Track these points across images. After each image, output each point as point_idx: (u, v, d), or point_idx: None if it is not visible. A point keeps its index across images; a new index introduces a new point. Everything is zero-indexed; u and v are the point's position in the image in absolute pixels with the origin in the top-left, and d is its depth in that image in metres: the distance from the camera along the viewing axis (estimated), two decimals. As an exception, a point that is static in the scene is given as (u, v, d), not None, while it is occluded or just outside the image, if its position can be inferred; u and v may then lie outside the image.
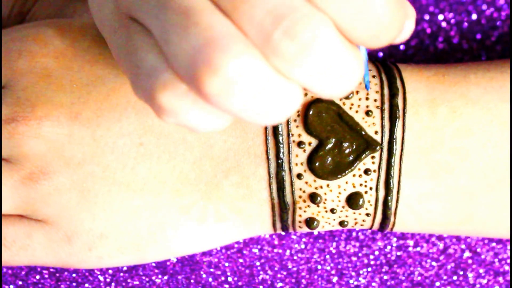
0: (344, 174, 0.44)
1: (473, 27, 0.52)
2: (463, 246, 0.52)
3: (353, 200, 0.44)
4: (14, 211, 0.45)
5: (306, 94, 0.44)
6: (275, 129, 0.44)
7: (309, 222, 0.45)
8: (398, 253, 0.52)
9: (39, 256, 0.46)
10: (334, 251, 0.52)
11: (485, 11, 0.52)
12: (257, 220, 0.46)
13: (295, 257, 0.52)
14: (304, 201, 0.44)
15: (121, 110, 0.44)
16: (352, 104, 0.44)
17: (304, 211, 0.45)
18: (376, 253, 0.52)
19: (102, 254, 0.45)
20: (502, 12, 0.51)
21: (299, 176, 0.44)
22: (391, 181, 0.44)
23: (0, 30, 0.47)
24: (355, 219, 0.45)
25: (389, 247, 0.52)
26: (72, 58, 0.45)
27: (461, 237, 0.52)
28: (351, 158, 0.44)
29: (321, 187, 0.44)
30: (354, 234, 0.52)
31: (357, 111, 0.44)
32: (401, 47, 0.52)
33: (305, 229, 0.46)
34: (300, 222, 0.45)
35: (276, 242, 0.52)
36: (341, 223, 0.45)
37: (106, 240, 0.45)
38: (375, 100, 0.44)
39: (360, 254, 0.52)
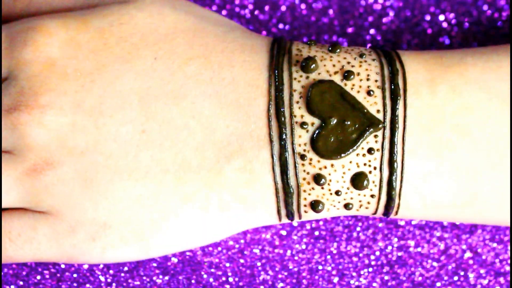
0: (348, 153, 0.44)
1: (474, 28, 0.53)
2: (464, 247, 0.52)
3: (357, 180, 0.44)
4: (18, 204, 0.45)
5: (308, 77, 0.45)
6: (278, 110, 0.44)
7: (314, 205, 0.45)
8: (399, 254, 0.52)
9: (43, 250, 0.45)
10: (335, 251, 0.52)
11: (486, 11, 0.52)
12: (261, 207, 0.45)
13: (296, 258, 0.52)
14: (308, 183, 0.44)
15: (124, 97, 0.44)
16: (353, 85, 0.44)
17: (309, 194, 0.45)
18: (377, 253, 0.52)
19: (105, 245, 0.45)
20: (503, 12, 0.52)
21: (302, 157, 0.44)
22: (395, 159, 0.44)
23: (0, 26, 0.47)
24: (360, 201, 0.45)
25: (390, 247, 0.52)
26: (76, 47, 0.45)
27: (462, 238, 0.52)
28: (354, 136, 0.44)
29: (325, 167, 0.44)
30: (355, 234, 0.52)
31: (358, 91, 0.44)
32: (402, 47, 0.53)
33: (311, 214, 0.46)
34: (305, 206, 0.45)
35: (277, 243, 0.52)
36: (346, 206, 0.45)
37: (109, 229, 0.45)
38: (376, 81, 0.44)
39: (361, 255, 0.52)
